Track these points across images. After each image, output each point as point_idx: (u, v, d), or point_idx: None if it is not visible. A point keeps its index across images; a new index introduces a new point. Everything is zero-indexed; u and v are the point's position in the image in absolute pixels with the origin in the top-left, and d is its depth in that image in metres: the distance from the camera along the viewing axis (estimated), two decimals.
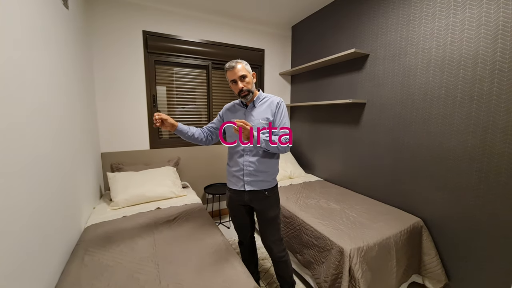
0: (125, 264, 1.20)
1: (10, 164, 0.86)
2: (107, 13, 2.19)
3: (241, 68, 1.32)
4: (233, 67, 1.32)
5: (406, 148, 1.85)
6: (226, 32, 2.75)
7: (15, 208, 0.88)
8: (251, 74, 1.38)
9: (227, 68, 1.34)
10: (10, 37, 0.91)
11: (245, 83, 1.33)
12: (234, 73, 1.32)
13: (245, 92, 1.33)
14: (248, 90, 1.33)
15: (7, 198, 0.83)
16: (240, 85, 1.32)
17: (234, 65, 1.32)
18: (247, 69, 1.35)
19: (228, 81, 1.37)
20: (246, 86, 1.33)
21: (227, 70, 1.34)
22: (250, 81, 1.35)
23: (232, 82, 1.35)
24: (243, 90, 1.32)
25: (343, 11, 2.33)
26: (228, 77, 1.35)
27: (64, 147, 1.39)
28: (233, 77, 1.33)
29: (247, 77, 1.34)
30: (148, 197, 2.01)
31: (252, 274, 1.61)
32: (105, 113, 2.28)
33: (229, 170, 1.46)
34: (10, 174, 0.86)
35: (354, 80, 2.27)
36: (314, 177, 2.84)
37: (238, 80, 1.32)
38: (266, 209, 1.40)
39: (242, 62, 1.35)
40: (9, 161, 0.86)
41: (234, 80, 1.33)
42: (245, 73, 1.33)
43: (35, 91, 1.08)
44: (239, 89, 1.32)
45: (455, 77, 1.53)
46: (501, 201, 1.36)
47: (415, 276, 1.68)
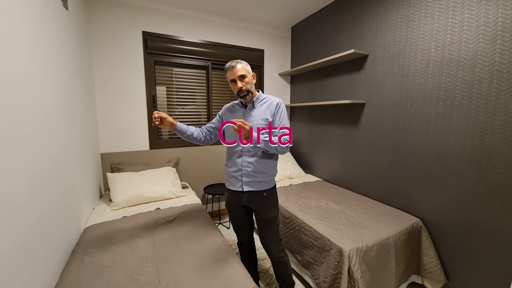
0: (125, 265, 1.21)
1: (10, 164, 0.86)
2: (107, 13, 2.20)
3: (240, 68, 1.33)
4: (233, 66, 1.32)
5: (405, 148, 1.86)
6: (225, 33, 2.76)
7: (14, 208, 0.88)
8: (251, 74, 1.39)
9: (227, 68, 1.35)
10: (10, 38, 0.91)
11: (245, 83, 1.33)
12: (234, 72, 1.32)
13: (244, 92, 1.33)
14: (247, 90, 1.34)
15: (6, 198, 0.83)
16: (239, 84, 1.32)
17: (234, 65, 1.33)
18: (247, 69, 1.36)
19: (228, 80, 1.38)
20: (246, 86, 1.33)
21: (227, 70, 1.35)
22: (250, 81, 1.36)
23: (231, 82, 1.36)
24: (242, 90, 1.33)
25: (342, 11, 2.33)
26: (228, 77, 1.36)
27: (64, 147, 1.39)
28: (232, 77, 1.33)
29: (246, 77, 1.34)
30: (147, 198, 2.02)
31: (252, 274, 1.62)
32: (105, 113, 2.28)
33: (227, 171, 1.46)
34: (10, 175, 0.86)
35: (354, 80, 2.27)
36: (313, 177, 2.85)
37: (237, 79, 1.32)
38: (264, 210, 1.40)
39: (242, 62, 1.36)
40: (9, 161, 0.86)
41: (233, 80, 1.34)
42: (244, 73, 1.34)
43: (35, 91, 1.09)
44: (238, 88, 1.33)
45: (454, 78, 1.53)
46: (500, 202, 1.36)
47: (414, 276, 1.68)
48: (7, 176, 0.84)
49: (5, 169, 0.83)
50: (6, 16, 0.89)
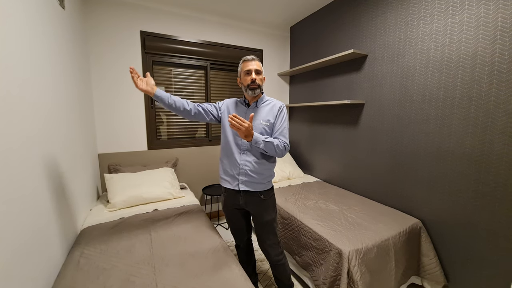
0: (121, 267, 1.19)
1: (6, 165, 0.85)
2: (104, 13, 2.18)
3: (258, 64, 1.36)
4: (253, 59, 1.36)
5: (404, 149, 1.85)
6: (224, 33, 2.74)
7: (10, 210, 0.86)
8: (263, 76, 1.41)
9: (247, 59, 1.36)
10: (6, 38, 0.89)
11: (258, 78, 1.35)
12: (252, 64, 1.34)
13: (255, 84, 1.33)
14: (258, 84, 1.34)
15: (1, 203, 0.82)
16: (254, 76, 1.33)
17: (254, 57, 1.36)
18: (261, 68, 1.40)
19: (241, 72, 1.38)
20: (258, 81, 1.34)
21: (245, 60, 1.36)
22: (262, 79, 1.38)
23: (246, 73, 1.35)
24: (254, 81, 1.33)
25: (341, 11, 2.32)
26: (243, 67, 1.36)
27: (61, 148, 1.38)
28: (249, 67, 1.34)
29: (260, 74, 1.37)
30: (145, 199, 2.00)
31: (250, 276, 1.61)
32: (103, 113, 2.26)
33: (223, 168, 1.43)
34: (6, 176, 0.84)
35: (353, 80, 2.26)
36: (312, 178, 2.84)
37: (253, 71, 1.33)
38: (262, 213, 1.39)
39: (259, 61, 1.39)
40: (5, 162, 0.84)
41: (248, 71, 1.34)
42: (260, 70, 1.37)
43: (32, 92, 1.07)
44: (251, 79, 1.33)
45: (454, 78, 1.52)
46: (500, 202, 1.36)
47: (414, 277, 1.67)
48: (1, 178, 0.82)
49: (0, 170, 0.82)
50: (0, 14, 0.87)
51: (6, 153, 0.86)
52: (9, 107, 0.88)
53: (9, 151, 0.87)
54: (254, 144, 1.23)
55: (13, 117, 0.91)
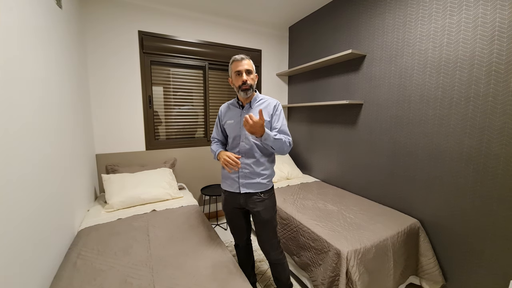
0: (119, 268, 1.18)
1: (3, 166, 0.84)
2: (102, 12, 2.17)
3: (248, 63, 1.33)
4: (242, 58, 1.32)
5: (402, 149, 1.85)
6: (223, 33, 2.74)
7: (7, 211, 0.85)
8: (255, 74, 1.38)
9: (236, 59, 1.32)
10: (1, 37, 0.88)
11: (250, 78, 1.32)
12: (242, 64, 1.31)
13: (247, 85, 1.31)
14: (250, 84, 1.32)
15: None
16: (244, 77, 1.30)
17: (243, 57, 1.32)
18: (253, 67, 1.36)
19: (232, 73, 1.35)
20: (250, 81, 1.32)
21: (234, 60, 1.33)
22: (254, 78, 1.36)
23: (236, 74, 1.33)
24: (246, 83, 1.30)
25: (340, 12, 2.32)
26: (233, 68, 1.33)
27: (58, 148, 1.36)
28: (239, 68, 1.31)
29: (252, 74, 1.34)
30: (143, 199, 1.99)
31: (249, 276, 1.60)
32: (100, 114, 2.25)
33: (224, 172, 1.44)
34: (3, 177, 0.84)
35: (351, 81, 2.27)
36: (311, 178, 2.84)
37: (244, 72, 1.30)
38: (262, 212, 1.38)
39: (250, 59, 1.36)
40: (2, 163, 0.84)
41: (239, 72, 1.31)
42: (251, 69, 1.34)
43: (29, 92, 1.06)
44: (242, 81, 1.30)
45: (452, 78, 1.53)
46: (498, 202, 1.36)
47: (412, 277, 1.67)
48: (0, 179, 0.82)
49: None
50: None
51: (1, 154, 0.85)
52: (3, 109, 0.87)
53: (5, 152, 0.86)
54: (264, 140, 1.21)
55: (7, 119, 0.90)
